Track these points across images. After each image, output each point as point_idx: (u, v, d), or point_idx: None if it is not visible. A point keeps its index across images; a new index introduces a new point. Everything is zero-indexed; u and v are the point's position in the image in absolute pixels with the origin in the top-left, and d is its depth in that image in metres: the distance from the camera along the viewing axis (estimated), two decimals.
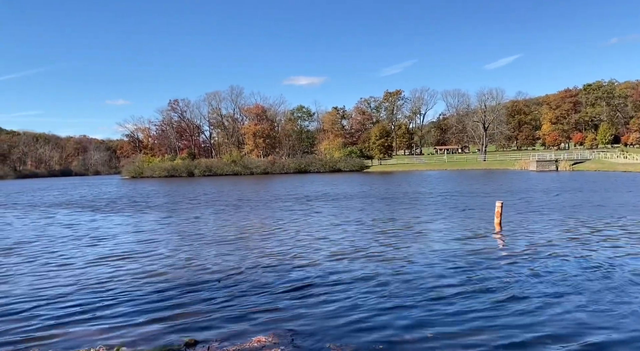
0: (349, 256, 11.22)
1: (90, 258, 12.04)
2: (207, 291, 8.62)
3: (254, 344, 6.03)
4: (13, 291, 9.06)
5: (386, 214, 19.77)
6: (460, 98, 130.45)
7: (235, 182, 62.43)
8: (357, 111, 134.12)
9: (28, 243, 14.69)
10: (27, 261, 12.04)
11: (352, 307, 7.45)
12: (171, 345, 6.08)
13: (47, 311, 7.72)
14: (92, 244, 14.11)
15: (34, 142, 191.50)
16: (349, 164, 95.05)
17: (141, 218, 21.29)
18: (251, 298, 8.06)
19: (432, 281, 8.94)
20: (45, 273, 10.51)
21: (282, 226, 16.87)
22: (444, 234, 14.25)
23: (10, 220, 22.14)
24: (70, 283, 9.47)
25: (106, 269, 10.63)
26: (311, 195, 31.78)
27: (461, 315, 7.04)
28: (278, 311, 7.36)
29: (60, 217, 22.73)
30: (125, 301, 8.09)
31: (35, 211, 26.71)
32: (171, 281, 9.45)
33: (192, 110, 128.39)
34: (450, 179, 50.09)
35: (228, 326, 6.76)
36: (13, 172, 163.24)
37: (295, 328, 6.61)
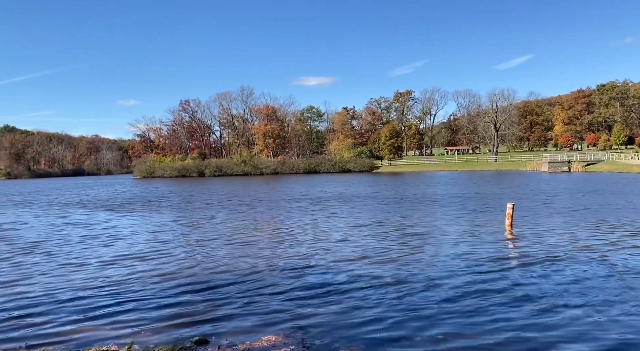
0: (365, 258, 11.14)
1: (105, 257, 12.14)
2: (219, 290, 8.66)
3: (263, 343, 6.05)
4: (30, 289, 9.19)
5: (400, 215, 19.60)
6: (471, 99, 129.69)
7: (246, 182, 62.63)
8: (367, 111, 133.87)
9: (46, 242, 14.84)
10: (44, 260, 12.20)
11: (365, 309, 7.40)
12: (182, 342, 6.12)
13: (61, 309, 7.82)
14: (107, 244, 14.21)
15: (47, 142, 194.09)
16: (358, 164, 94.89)
17: (156, 218, 21.41)
18: (264, 298, 8.08)
19: (447, 284, 8.79)
20: (61, 272, 10.64)
21: (298, 227, 16.81)
22: (459, 237, 14.05)
23: (28, 219, 22.43)
24: (84, 282, 9.59)
25: (120, 268, 10.73)
26: (325, 196, 31.69)
27: (477, 317, 6.98)
28: (290, 311, 7.36)
29: (76, 216, 22.96)
30: (138, 300, 8.16)
31: (52, 210, 27.07)
32: (184, 280, 9.50)
33: (203, 110, 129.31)
34: (461, 180, 49.76)
35: (239, 325, 6.79)
36: (27, 172, 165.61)
37: (306, 328, 6.61)
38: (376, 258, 11.06)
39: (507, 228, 15.54)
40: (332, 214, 20.79)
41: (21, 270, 10.84)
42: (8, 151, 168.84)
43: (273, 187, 47.03)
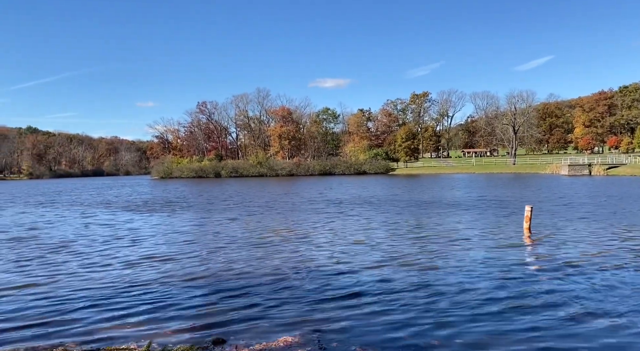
0: (386, 263, 10.97)
1: (128, 258, 12.26)
2: (238, 292, 8.70)
3: (280, 344, 6.08)
4: (55, 287, 9.40)
5: (421, 219, 19.31)
6: (489, 100, 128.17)
7: (262, 183, 62.94)
8: (383, 113, 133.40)
9: (72, 242, 15.04)
10: (71, 260, 12.42)
11: (385, 313, 7.31)
12: (199, 342, 6.19)
13: (83, 308, 7.97)
14: (131, 245, 14.31)
15: (68, 142, 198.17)
16: (374, 166, 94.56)
17: (178, 219, 21.52)
18: (283, 300, 8.08)
19: (471, 290, 8.58)
20: (85, 271, 10.82)
21: (318, 230, 16.65)
22: (480, 241, 13.78)
23: (53, 219, 22.86)
24: (106, 281, 9.74)
25: (142, 269, 10.84)
26: (343, 198, 31.47)
27: (506, 324, 6.90)
28: (309, 314, 7.34)
29: (100, 217, 23.27)
30: (158, 300, 8.26)
31: (76, 211, 27.59)
32: (204, 281, 9.57)
33: (220, 112, 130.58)
34: (479, 183, 49.19)
35: (257, 326, 6.82)
36: (49, 172, 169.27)
37: (323, 330, 6.61)
38: (398, 263, 10.93)
39: (525, 232, 15.32)
40: (353, 217, 20.58)
41: (48, 269, 11.04)
42: (30, 152, 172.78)
43: (290, 188, 47.15)
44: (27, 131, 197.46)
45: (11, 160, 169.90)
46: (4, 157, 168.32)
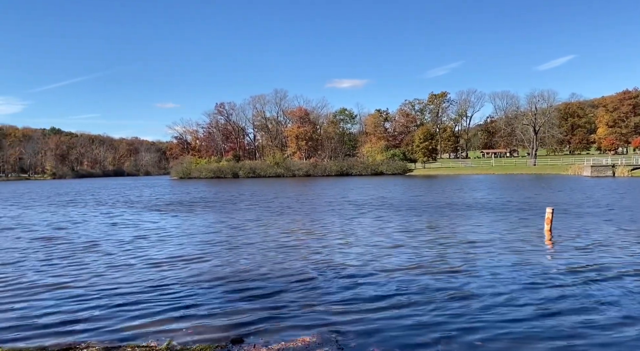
0: (408, 266, 10.79)
1: (152, 258, 12.39)
2: (259, 292, 8.73)
3: (298, 343, 6.10)
4: (81, 285, 9.63)
5: (443, 221, 18.97)
6: (509, 100, 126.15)
7: (280, 184, 63.18)
8: (401, 113, 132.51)
9: (99, 241, 15.29)
10: (97, 259, 12.68)
11: (404, 315, 7.24)
12: (218, 342, 6.25)
13: (107, 305, 8.13)
14: (155, 245, 14.43)
15: (90, 143, 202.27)
16: (391, 167, 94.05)
17: (200, 219, 21.66)
18: (303, 301, 8.08)
19: (496, 295, 8.39)
20: (111, 270, 11.02)
21: (340, 231, 16.46)
22: (504, 244, 13.45)
23: (79, 219, 23.27)
24: (130, 280, 9.89)
25: (165, 269, 10.95)
26: (363, 199, 31.22)
27: (541, 332, 6.79)
28: (329, 315, 7.32)
29: (124, 216, 23.59)
30: (179, 299, 8.35)
31: (100, 210, 28.14)
32: (225, 281, 9.64)
33: (238, 113, 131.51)
34: (500, 184, 48.48)
35: (276, 326, 6.84)
36: (71, 172, 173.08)
37: (343, 331, 6.58)
38: (421, 266, 10.78)
39: (546, 234, 15.04)
40: (375, 218, 20.28)
41: (74, 268, 11.26)
42: (54, 152, 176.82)
43: (310, 189, 47.22)
44: (51, 132, 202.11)
45: (35, 160, 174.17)
46: (28, 158, 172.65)
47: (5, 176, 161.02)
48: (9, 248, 14.15)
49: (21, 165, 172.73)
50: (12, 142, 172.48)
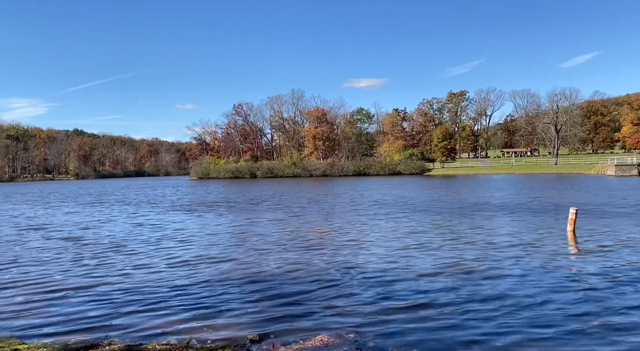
0: (435, 268, 10.54)
1: (175, 257, 12.48)
2: (280, 291, 8.75)
3: (316, 343, 6.10)
4: (106, 283, 9.85)
5: (466, 222, 18.55)
6: (529, 99, 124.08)
7: (298, 184, 63.34)
8: (419, 112, 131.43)
9: (125, 241, 15.46)
10: (119, 259, 12.90)
11: (428, 318, 7.13)
12: (237, 340, 6.29)
13: (130, 303, 8.26)
14: (178, 245, 14.50)
15: (111, 144, 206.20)
16: (409, 167, 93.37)
17: (224, 219, 21.70)
18: (324, 301, 8.06)
19: (522, 299, 8.16)
20: (133, 270, 11.22)
21: (364, 232, 16.20)
22: (529, 246, 13.08)
23: (104, 218, 23.65)
24: (153, 279, 10.03)
25: (188, 268, 11.02)
26: (385, 199, 30.82)
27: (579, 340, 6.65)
28: (349, 315, 7.29)
29: (149, 216, 23.79)
30: (201, 299, 8.42)
31: (125, 210, 28.65)
32: (247, 280, 9.69)
33: (255, 113, 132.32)
34: (521, 184, 47.66)
35: (296, 326, 6.85)
36: (93, 173, 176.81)
37: (362, 331, 6.56)
38: (445, 267, 10.56)
39: (569, 235, 14.71)
40: (399, 219, 19.89)
41: (100, 267, 11.47)
42: (77, 153, 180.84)
43: (329, 189, 47.21)
44: (74, 134, 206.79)
45: (59, 161, 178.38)
46: (52, 159, 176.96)
47: (30, 176, 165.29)
48: (38, 248, 14.47)
49: (46, 166, 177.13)
50: (38, 143, 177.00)
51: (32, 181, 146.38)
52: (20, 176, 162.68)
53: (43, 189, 68.66)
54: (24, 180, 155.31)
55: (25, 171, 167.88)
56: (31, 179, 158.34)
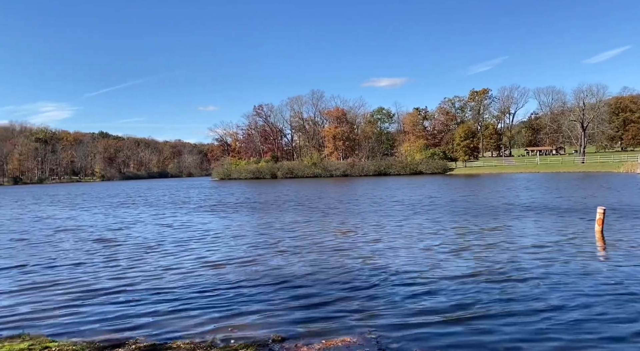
0: (462, 271, 10.23)
1: (202, 258, 12.59)
2: (305, 292, 8.76)
3: (339, 343, 6.08)
4: (135, 282, 10.08)
5: (493, 224, 18.12)
6: (554, 96, 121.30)
7: (320, 184, 63.39)
8: (440, 111, 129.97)
9: (153, 243, 15.57)
10: (147, 260, 13.10)
11: (452, 323, 6.97)
12: (260, 340, 6.32)
13: (158, 302, 8.41)
14: (205, 246, 14.58)
15: (135, 146, 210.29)
16: (430, 166, 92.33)
17: (250, 220, 21.73)
18: (348, 303, 8.01)
19: (551, 303, 8.04)
20: (161, 270, 11.42)
21: (392, 234, 15.87)
22: (562, 248, 12.57)
23: (133, 219, 24.08)
24: (181, 279, 10.17)
25: (216, 269, 11.11)
26: (409, 199, 30.34)
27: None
28: (373, 317, 7.22)
29: (178, 218, 23.91)
30: (225, 299, 8.50)
31: (152, 211, 29.13)
32: (272, 280, 9.74)
33: (276, 114, 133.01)
34: (547, 183, 46.60)
35: (319, 326, 6.84)
36: (118, 174, 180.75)
37: (385, 333, 6.50)
38: (473, 271, 10.30)
39: (597, 235, 14.28)
40: (426, 219, 19.55)
41: (127, 268, 11.70)
42: (102, 155, 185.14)
43: (351, 189, 47.09)
44: (99, 136, 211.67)
45: (85, 163, 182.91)
46: (79, 161, 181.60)
47: (58, 178, 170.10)
48: (69, 249, 14.74)
49: (73, 168, 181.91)
50: (65, 146, 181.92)
51: (60, 183, 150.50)
52: (48, 178, 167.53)
53: (72, 191, 70.45)
54: (52, 182, 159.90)
55: (54, 173, 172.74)
56: (59, 181, 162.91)
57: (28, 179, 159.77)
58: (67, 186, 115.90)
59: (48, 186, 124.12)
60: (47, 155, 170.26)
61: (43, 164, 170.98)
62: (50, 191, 76.86)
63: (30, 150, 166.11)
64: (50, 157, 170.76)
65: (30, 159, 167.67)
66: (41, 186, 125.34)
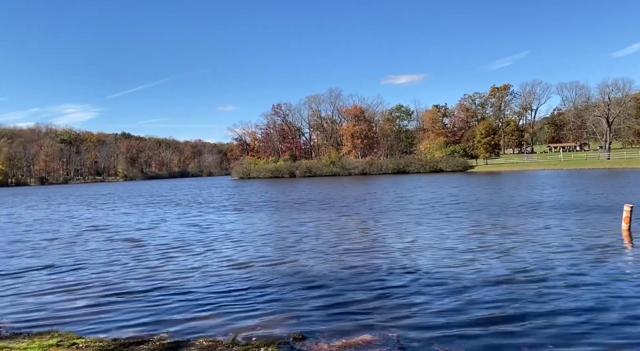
0: (487, 271, 9.96)
1: (229, 256, 12.73)
2: (326, 291, 8.76)
3: (359, 341, 6.09)
4: (161, 279, 10.33)
5: (515, 222, 17.79)
6: (578, 91, 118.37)
7: (339, 183, 63.31)
8: (460, 108, 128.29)
9: (179, 242, 15.67)
10: (173, 259, 13.34)
11: (475, 323, 6.85)
12: (281, 338, 6.38)
13: (180, 300, 8.55)
14: (231, 245, 14.61)
15: (157, 146, 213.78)
16: (450, 164, 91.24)
17: (276, 219, 21.74)
18: (369, 302, 7.99)
19: (582, 305, 7.84)
20: (185, 268, 11.64)
21: (421, 233, 15.52)
22: (589, 248, 12.27)
23: (158, 218, 24.37)
24: (206, 277, 10.32)
25: (241, 268, 11.19)
26: (433, 198, 29.77)
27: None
28: (395, 316, 7.18)
29: (204, 217, 24.09)
30: (250, 297, 8.58)
31: (175, 211, 29.64)
32: (296, 278, 9.79)
33: (294, 113, 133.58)
34: (570, 180, 45.60)
35: (340, 325, 6.84)
36: (140, 174, 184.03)
37: (407, 332, 6.48)
38: (497, 271, 9.99)
39: (624, 233, 13.92)
40: (449, 218, 19.23)
41: (153, 267, 11.94)
42: (125, 156, 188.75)
43: (371, 187, 46.92)
44: (122, 137, 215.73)
45: (108, 163, 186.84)
46: (102, 161, 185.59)
47: (82, 178, 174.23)
48: (97, 249, 14.97)
49: (96, 168, 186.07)
50: (88, 147, 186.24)
51: (84, 183, 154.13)
52: (73, 178, 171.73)
53: (97, 191, 71.99)
54: (77, 182, 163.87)
55: (78, 174, 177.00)
56: (83, 181, 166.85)
57: (54, 180, 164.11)
58: (91, 186, 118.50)
59: (73, 186, 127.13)
60: (72, 156, 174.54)
61: (68, 164, 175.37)
62: (77, 191, 78.74)
63: (55, 151, 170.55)
64: (74, 158, 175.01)
65: (55, 160, 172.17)
66: (67, 186, 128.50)
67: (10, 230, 21.42)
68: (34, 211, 34.17)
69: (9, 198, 57.74)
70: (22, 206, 41.08)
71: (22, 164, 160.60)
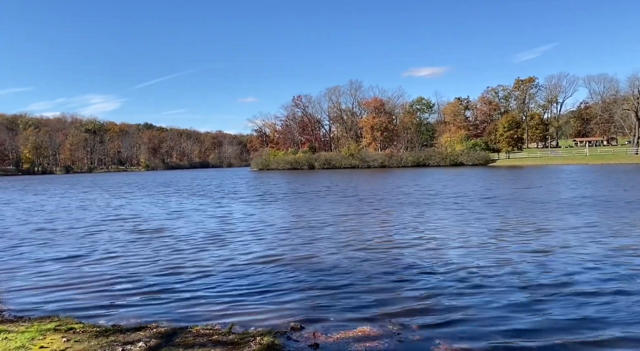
0: (499, 268, 9.45)
1: (245, 248, 12.49)
2: (331, 283, 8.59)
3: (357, 333, 5.93)
4: (165, 267, 10.35)
5: (536, 219, 17.01)
6: (606, 84, 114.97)
7: (359, 175, 62.88)
8: (483, 101, 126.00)
9: (197, 233, 15.66)
10: (185, 248, 13.42)
11: (478, 317, 6.65)
12: (279, 328, 6.25)
13: (182, 289, 8.52)
14: (248, 236, 14.40)
15: (178, 137, 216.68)
16: (472, 157, 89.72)
17: (297, 211, 21.35)
18: (372, 293, 7.83)
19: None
20: (191, 256, 11.66)
21: (450, 230, 14.68)
22: (616, 245, 11.76)
23: (183, 208, 24.21)
24: (211, 266, 10.27)
25: (251, 258, 11.02)
26: (457, 192, 28.91)
27: None
28: (400, 310, 6.96)
29: (231, 207, 23.84)
30: (248, 286, 8.52)
31: (198, 201, 29.68)
32: (302, 272, 9.60)
33: (314, 105, 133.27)
34: (596, 175, 44.26)
35: (340, 317, 6.69)
36: (162, 164, 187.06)
37: (407, 325, 6.29)
38: (512, 268, 9.58)
39: None
40: (471, 213, 18.57)
41: (163, 255, 12.02)
42: (147, 146, 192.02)
43: (392, 180, 46.41)
44: (144, 127, 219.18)
45: (131, 153, 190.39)
46: (125, 151, 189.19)
47: (106, 167, 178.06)
48: (117, 239, 14.69)
49: (119, 158, 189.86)
50: (112, 137, 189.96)
51: (108, 172, 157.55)
52: (97, 167, 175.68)
53: (121, 180, 73.23)
54: (101, 171, 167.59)
55: (102, 163, 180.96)
56: (106, 170, 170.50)
57: (78, 169, 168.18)
58: (115, 175, 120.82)
59: (98, 174, 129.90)
60: (96, 145, 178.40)
61: (92, 154, 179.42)
62: (101, 179, 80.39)
63: (80, 140, 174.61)
64: (98, 148, 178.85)
65: (80, 149, 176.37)
66: (91, 175, 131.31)
67: (36, 217, 21.89)
68: (62, 198, 34.85)
69: (38, 186, 59.08)
70: (47, 193, 42.05)
71: (48, 153, 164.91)
